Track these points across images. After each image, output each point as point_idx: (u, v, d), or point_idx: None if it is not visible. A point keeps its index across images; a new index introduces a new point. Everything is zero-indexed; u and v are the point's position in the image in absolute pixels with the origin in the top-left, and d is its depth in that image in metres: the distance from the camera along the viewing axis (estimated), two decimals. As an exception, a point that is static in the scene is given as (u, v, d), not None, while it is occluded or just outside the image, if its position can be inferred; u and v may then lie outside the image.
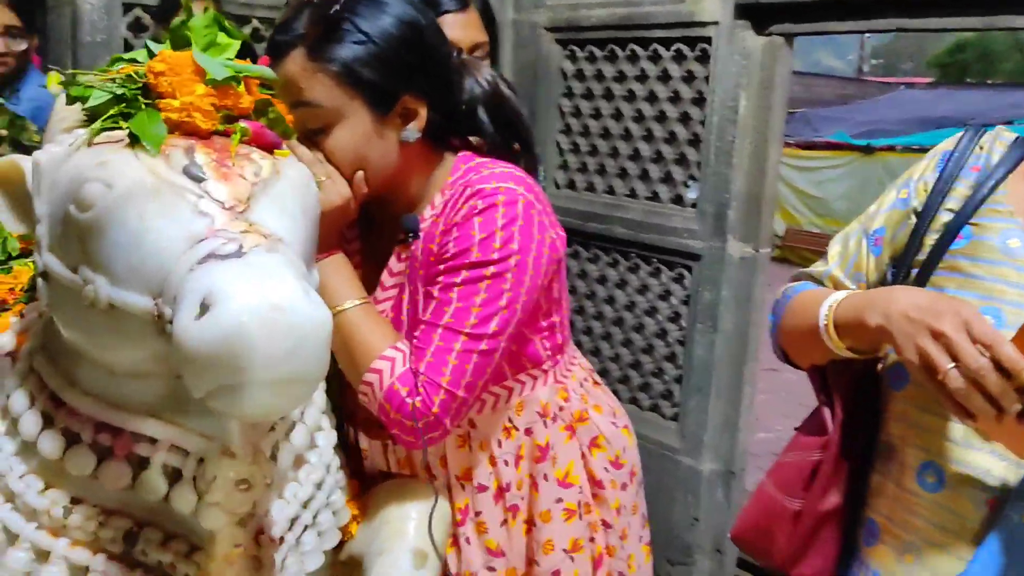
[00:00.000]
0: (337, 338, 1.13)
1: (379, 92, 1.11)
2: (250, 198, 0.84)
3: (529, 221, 1.14)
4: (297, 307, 0.74)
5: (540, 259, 1.16)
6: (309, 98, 1.09)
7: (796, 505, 1.16)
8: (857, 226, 1.22)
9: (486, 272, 1.11)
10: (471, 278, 1.12)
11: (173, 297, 0.77)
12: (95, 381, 0.92)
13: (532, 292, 1.16)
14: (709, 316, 2.65)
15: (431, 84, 1.16)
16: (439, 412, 1.11)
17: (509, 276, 1.12)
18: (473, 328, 1.11)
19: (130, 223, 0.80)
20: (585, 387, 1.37)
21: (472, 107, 1.24)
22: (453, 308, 1.12)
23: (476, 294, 1.12)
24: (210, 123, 0.86)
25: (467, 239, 1.12)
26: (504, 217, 1.12)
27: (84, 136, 0.86)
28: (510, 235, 1.12)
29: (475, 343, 1.12)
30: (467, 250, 1.12)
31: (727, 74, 2.51)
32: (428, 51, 1.15)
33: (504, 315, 1.13)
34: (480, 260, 1.11)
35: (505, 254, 1.12)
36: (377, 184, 1.17)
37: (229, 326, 0.71)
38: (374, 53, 1.10)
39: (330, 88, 1.09)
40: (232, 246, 0.77)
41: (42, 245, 0.88)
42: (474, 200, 1.13)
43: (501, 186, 1.13)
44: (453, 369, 1.11)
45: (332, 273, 1.15)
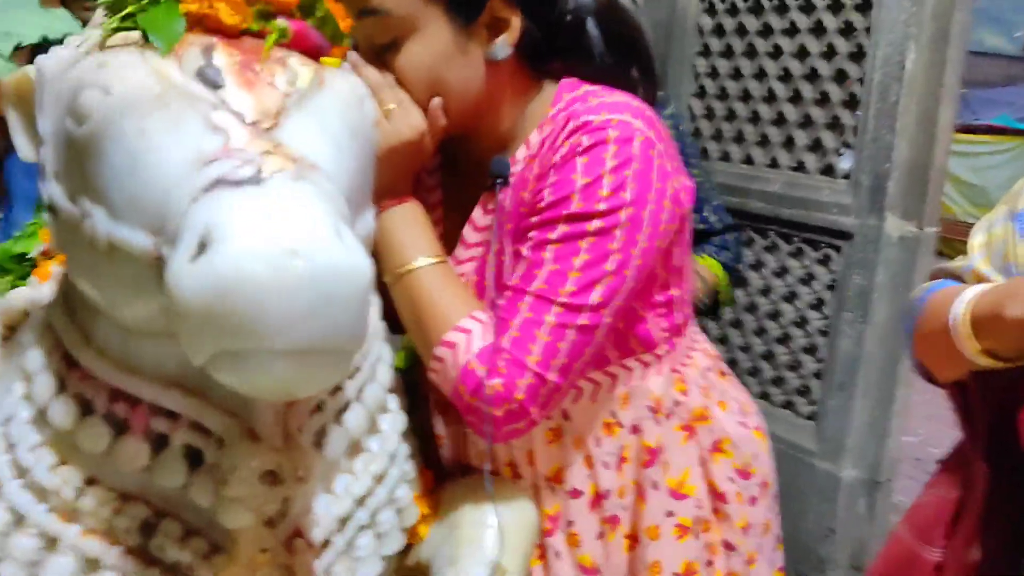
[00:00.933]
0: (405, 303, 0.94)
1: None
2: (280, 112, 0.66)
3: (647, 164, 0.91)
4: (322, 251, 0.55)
5: (659, 214, 0.92)
6: (377, 3, 0.89)
7: (936, 556, 0.93)
8: (1002, 209, 1.06)
9: (589, 227, 0.89)
10: (570, 234, 0.90)
11: (173, 233, 0.59)
12: (111, 340, 0.76)
13: (647, 256, 0.93)
14: (859, 305, 2.33)
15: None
16: (524, 399, 0.90)
17: (619, 233, 0.90)
18: (570, 297, 0.90)
19: (128, 139, 0.63)
20: (708, 378, 1.12)
21: (579, 19, 0.99)
22: (546, 271, 0.90)
23: (575, 254, 0.89)
24: (238, 18, 0.68)
25: (567, 184, 0.90)
26: (615, 158, 0.89)
27: (95, 37, 0.70)
28: (622, 181, 0.89)
29: (572, 316, 0.90)
30: (566, 198, 0.90)
31: (893, 24, 2.17)
32: None
33: (611, 282, 0.91)
34: (582, 211, 0.89)
35: (615, 205, 0.89)
36: (459, 115, 0.96)
37: (227, 272, 0.53)
38: None
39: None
40: (248, 170, 0.59)
41: (46, 171, 0.73)
42: (578, 136, 0.90)
43: (613, 118, 0.90)
44: (544, 347, 0.90)
45: (401, 224, 0.95)
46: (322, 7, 0.73)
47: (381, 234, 0.93)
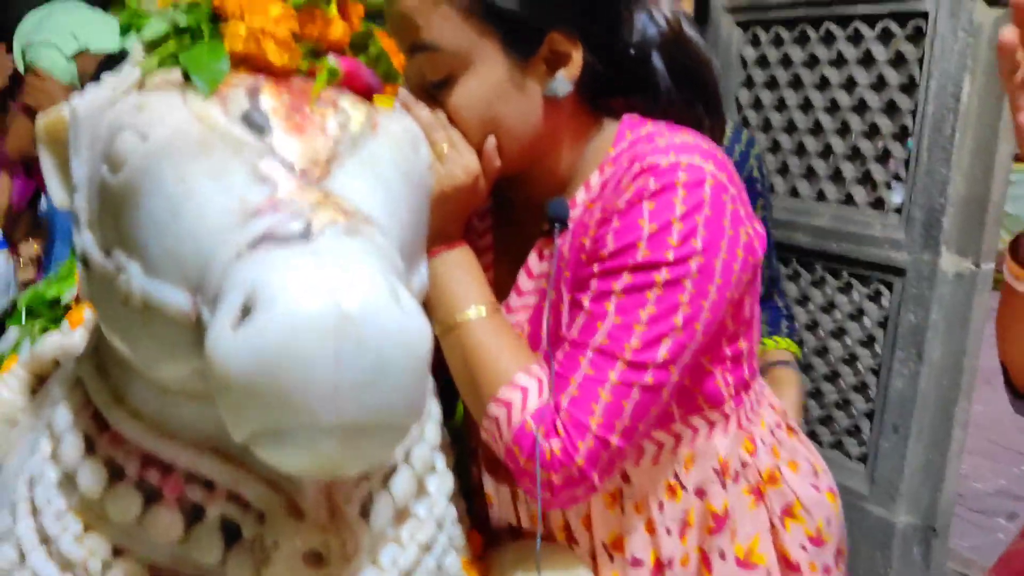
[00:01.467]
0: (456, 356, 0.88)
1: (519, 27, 0.84)
2: (331, 159, 0.60)
3: (719, 210, 0.84)
4: (378, 316, 0.50)
5: (732, 263, 0.86)
6: (428, 39, 0.83)
7: None
8: None
9: (657, 277, 0.83)
10: (636, 285, 0.83)
11: (214, 294, 0.54)
12: (145, 399, 0.71)
13: (718, 309, 0.86)
14: (913, 343, 2.23)
15: (589, 19, 0.88)
16: (584, 464, 0.83)
17: (688, 284, 0.83)
18: (636, 353, 0.83)
19: (167, 188, 0.58)
20: (777, 436, 1.04)
21: (644, 52, 0.92)
22: (609, 325, 0.83)
23: (642, 307, 0.83)
24: (286, 57, 0.63)
25: (633, 231, 0.83)
26: (685, 203, 0.82)
27: (133, 76, 0.65)
28: (692, 228, 0.83)
29: (637, 374, 0.83)
30: (632, 246, 0.83)
31: (948, 55, 2.09)
32: None
33: (679, 338, 0.84)
34: (649, 261, 0.83)
35: (684, 254, 0.83)
36: (515, 156, 0.89)
37: (273, 342, 0.47)
38: None
39: (454, 23, 0.83)
40: (297, 224, 0.54)
41: (80, 220, 0.68)
42: (645, 178, 0.83)
43: (682, 161, 0.84)
44: (606, 408, 0.83)
45: (453, 270, 0.89)
46: (375, 44, 0.67)
47: (431, 281, 0.86)
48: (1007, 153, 2.11)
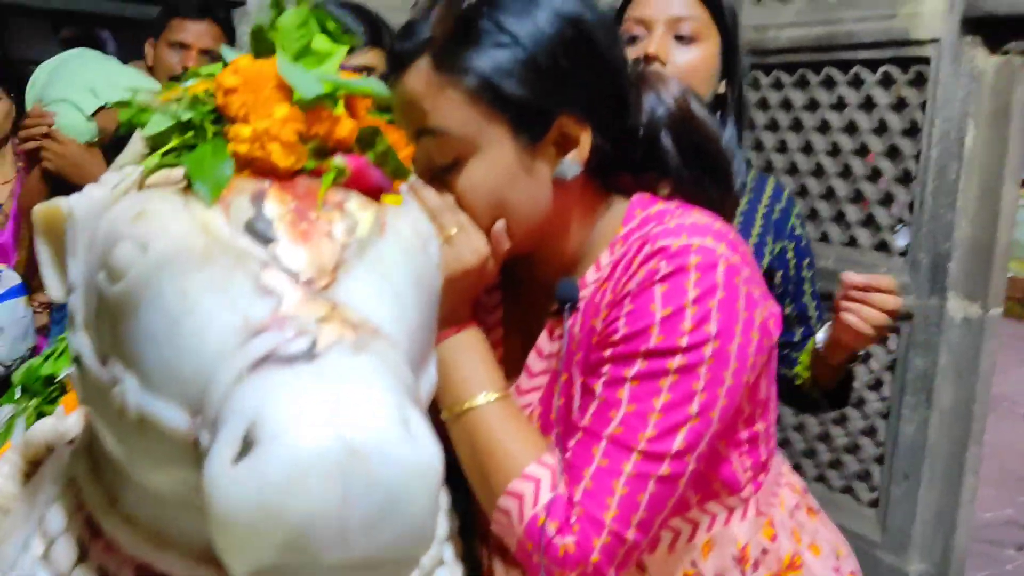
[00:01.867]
0: (465, 444, 0.86)
1: (528, 112, 0.83)
2: (338, 267, 0.58)
3: (733, 293, 0.82)
4: (390, 449, 0.47)
5: (747, 347, 0.83)
6: (435, 123, 0.82)
7: None
8: None
9: (670, 364, 0.80)
10: (649, 372, 0.81)
11: (213, 418, 0.51)
12: (140, 505, 0.68)
13: (734, 394, 0.83)
14: (922, 388, 2.21)
15: (597, 101, 0.86)
16: (600, 561, 0.80)
17: (703, 371, 0.81)
18: (651, 443, 0.80)
19: (167, 302, 0.56)
20: (797, 518, 1.01)
21: (652, 132, 0.91)
22: (623, 413, 0.81)
23: (656, 395, 0.80)
24: (292, 159, 0.61)
25: (645, 316, 0.81)
26: (698, 287, 0.80)
27: (134, 176, 0.63)
28: (705, 313, 0.80)
29: (653, 465, 0.80)
30: (644, 331, 0.81)
31: (950, 100, 2.09)
32: (595, 56, 0.85)
33: (695, 426, 0.81)
34: (663, 347, 0.80)
35: (698, 339, 0.80)
36: (524, 237, 0.88)
37: (275, 480, 0.45)
38: (522, 60, 0.81)
39: (463, 109, 0.81)
40: (302, 343, 0.51)
41: (76, 321, 0.65)
42: (656, 261, 0.82)
43: (694, 243, 0.82)
44: (621, 501, 0.80)
45: (462, 354, 0.87)
46: (383, 141, 0.65)
47: (439, 366, 0.84)
48: (1012, 198, 2.10)
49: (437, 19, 0.82)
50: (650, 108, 0.92)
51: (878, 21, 2.22)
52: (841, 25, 2.31)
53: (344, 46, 0.67)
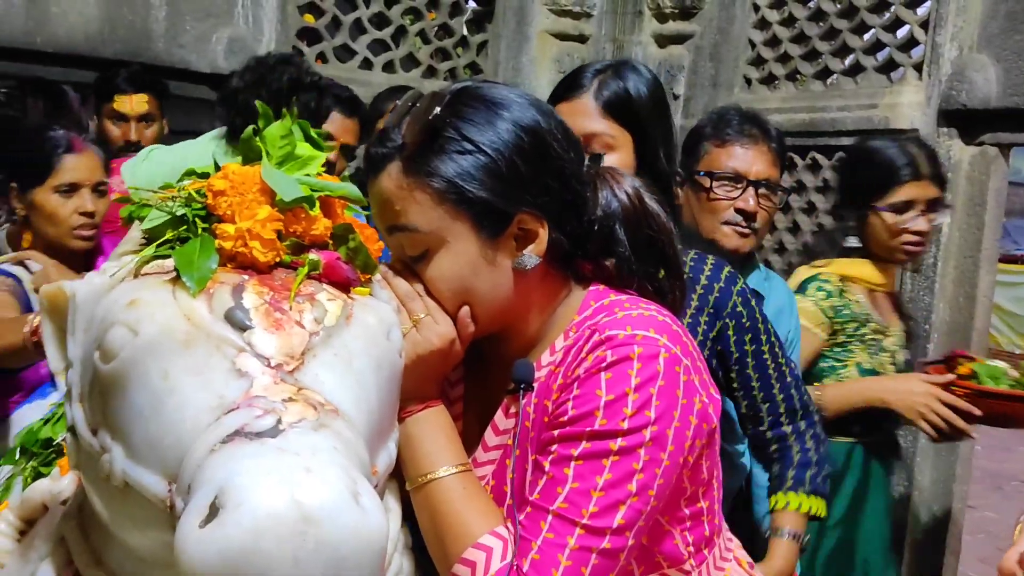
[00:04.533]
0: (425, 513, 0.91)
1: (488, 211, 0.90)
2: (306, 352, 0.65)
3: (672, 382, 0.88)
4: (339, 517, 0.54)
5: (684, 430, 0.89)
6: (405, 221, 0.89)
7: None
8: None
9: (612, 446, 0.86)
10: (593, 452, 0.86)
11: (187, 486, 0.58)
12: (122, 563, 0.74)
13: (671, 474, 0.89)
14: (903, 467, 2.24)
15: (554, 199, 0.94)
16: None
17: (643, 452, 0.86)
18: (593, 519, 0.85)
19: (151, 381, 0.63)
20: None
21: (607, 226, 0.98)
22: (568, 490, 0.86)
23: (598, 474, 0.86)
24: (271, 254, 0.69)
25: (590, 400, 0.87)
26: (639, 375, 0.86)
27: (130, 265, 0.71)
28: (646, 399, 0.86)
29: (595, 539, 0.85)
30: (589, 414, 0.87)
31: (928, 188, 2.17)
32: (550, 160, 0.93)
33: (634, 504, 0.86)
34: (605, 429, 0.86)
35: (639, 423, 0.86)
36: (488, 321, 0.95)
37: (238, 542, 0.52)
38: (483, 165, 0.89)
39: (429, 208, 0.89)
40: (267, 420, 0.59)
41: (72, 394, 0.73)
42: (603, 350, 0.88)
43: (638, 334, 0.88)
44: (565, 571, 0.85)
45: (427, 430, 0.93)
46: (355, 238, 0.74)
47: (405, 440, 0.91)
48: (988, 283, 2.17)
49: (407, 127, 0.91)
50: (605, 202, 0.99)
51: (860, 110, 2.33)
52: (825, 112, 2.42)
53: (325, 153, 0.76)
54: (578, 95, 1.37)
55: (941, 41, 2.14)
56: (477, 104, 0.90)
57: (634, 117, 1.35)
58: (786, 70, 2.58)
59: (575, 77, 1.40)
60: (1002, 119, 2.07)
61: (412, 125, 0.90)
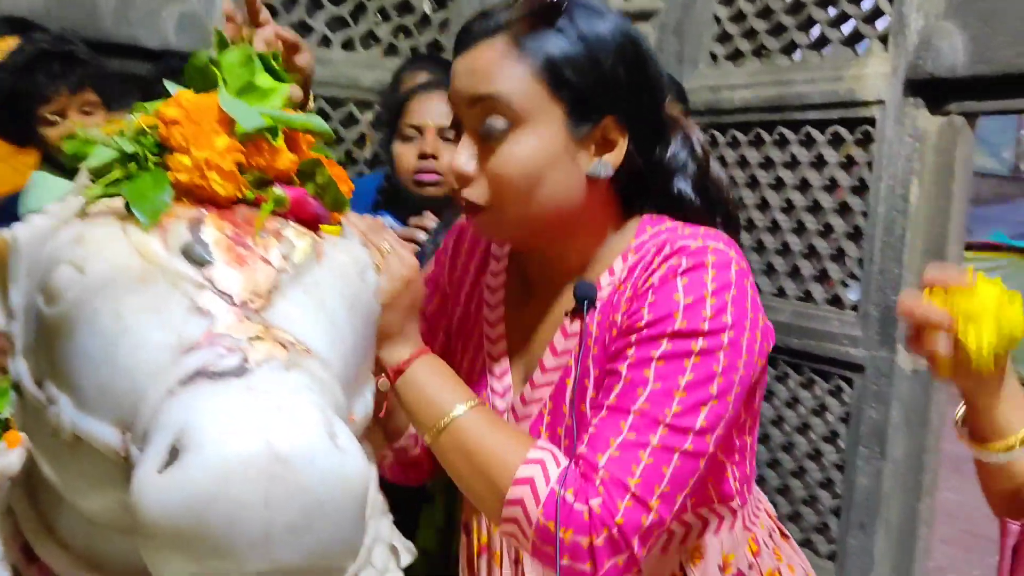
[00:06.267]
0: (456, 455, 0.88)
1: (582, 104, 0.90)
2: (273, 290, 0.60)
3: (743, 293, 0.88)
4: (315, 457, 0.49)
5: (754, 344, 0.88)
6: (500, 89, 0.88)
7: None
8: None
9: (693, 346, 0.85)
10: (674, 352, 0.85)
11: (143, 432, 0.53)
12: (74, 530, 0.68)
13: (745, 384, 0.88)
14: (875, 439, 2.24)
15: (640, 115, 0.94)
16: (624, 524, 0.81)
17: (721, 356, 0.85)
18: (675, 418, 0.84)
19: (101, 322, 0.57)
20: (775, 540, 1.06)
21: (671, 168, 0.99)
22: (649, 390, 0.85)
23: (680, 374, 0.85)
24: (231, 188, 0.63)
25: (668, 303, 0.86)
26: (715, 282, 0.87)
27: (76, 205, 0.65)
28: (723, 304, 0.86)
29: (678, 439, 0.84)
30: (668, 316, 0.86)
31: (895, 159, 2.17)
32: (645, 75, 0.94)
33: (715, 408, 0.85)
34: (687, 329, 0.85)
35: (718, 326, 0.86)
36: (544, 224, 0.92)
37: (200, 487, 0.46)
38: (588, 57, 0.89)
39: (529, 82, 0.88)
40: (233, 359, 0.53)
41: (16, 347, 0.67)
42: (677, 258, 0.88)
43: (711, 244, 0.89)
44: (646, 469, 0.83)
45: (428, 377, 0.89)
46: (323, 173, 0.68)
47: (410, 389, 0.89)
48: (957, 253, 2.17)
49: (520, 8, 0.90)
50: (677, 145, 1.00)
51: (825, 83, 2.31)
52: (791, 87, 2.40)
53: (287, 84, 0.70)
54: None
55: (907, 11, 2.13)
56: (590, 3, 0.92)
57: None
58: (752, 46, 2.56)
59: None
60: (969, 88, 2.06)
61: (528, 4, 0.90)
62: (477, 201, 0.91)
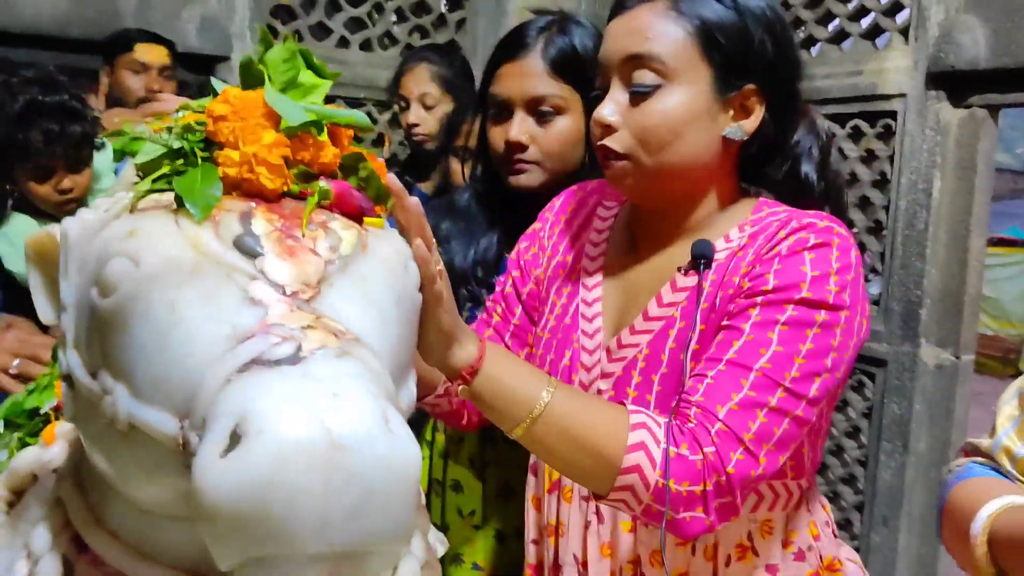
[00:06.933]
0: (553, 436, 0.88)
1: (730, 68, 0.96)
2: (322, 281, 0.61)
3: (859, 278, 0.94)
4: (371, 444, 0.50)
5: (861, 329, 0.94)
6: (654, 47, 0.94)
7: None
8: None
9: (817, 317, 0.90)
10: (798, 320, 0.89)
11: (202, 419, 0.54)
12: (124, 520, 0.69)
13: (849, 365, 0.94)
14: (898, 434, 2.23)
15: (779, 89, 1.00)
16: (734, 475, 0.86)
17: (838, 332, 0.90)
18: (793, 383, 0.88)
19: (157, 313, 0.58)
20: (831, 529, 1.08)
21: (798, 152, 1.03)
22: (772, 352, 0.88)
23: (801, 342, 0.89)
24: (279, 181, 0.64)
25: (796, 273, 0.91)
26: (839, 261, 0.92)
27: (126, 200, 0.66)
28: (844, 284, 0.91)
29: (793, 404, 0.88)
30: (796, 285, 0.90)
31: (917, 153, 2.17)
32: (788, 48, 1.00)
33: (826, 380, 0.90)
34: (813, 300, 0.90)
35: (839, 303, 0.91)
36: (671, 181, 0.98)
37: (262, 470, 0.47)
38: (741, 25, 0.96)
39: (682, 44, 0.95)
40: (287, 348, 0.54)
41: (67, 340, 0.68)
42: (806, 232, 0.93)
43: (835, 227, 0.94)
44: (760, 427, 0.87)
45: (502, 366, 0.88)
46: (365, 167, 0.69)
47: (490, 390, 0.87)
48: (980, 246, 2.16)
49: None
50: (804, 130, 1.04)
51: (846, 77, 2.31)
52: (811, 81, 2.38)
53: (329, 80, 0.71)
54: (523, 55, 1.32)
55: (927, 4, 2.13)
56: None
57: (582, 75, 1.31)
58: (769, 40, 2.56)
59: (517, 37, 1.36)
60: (991, 80, 2.06)
61: None
62: (618, 149, 0.96)
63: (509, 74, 1.33)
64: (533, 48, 1.32)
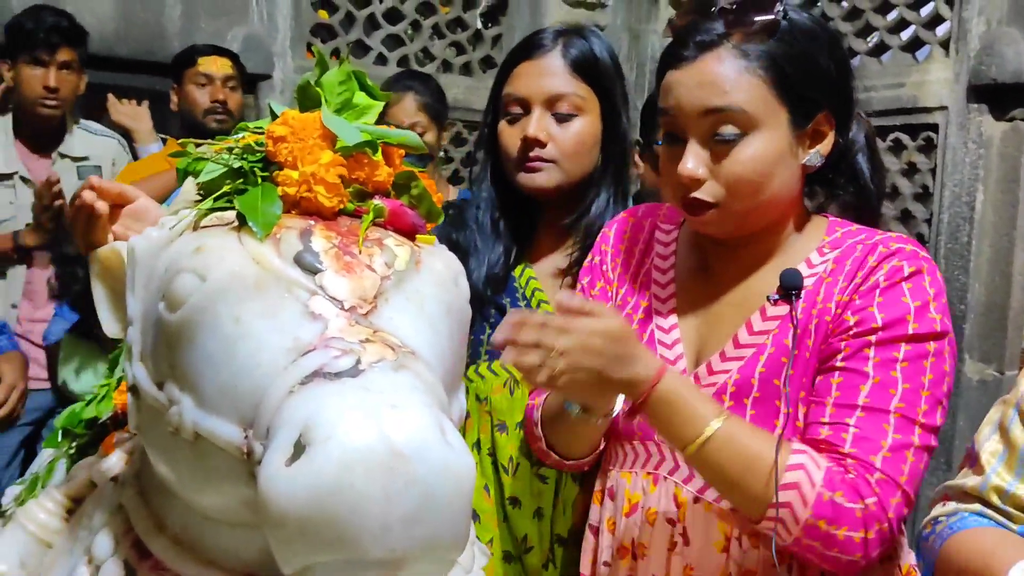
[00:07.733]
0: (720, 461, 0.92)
1: (803, 103, 0.97)
2: (378, 296, 0.63)
3: (946, 299, 0.97)
4: (429, 453, 0.52)
5: (955, 348, 0.97)
6: (733, 100, 0.94)
7: None
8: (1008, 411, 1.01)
9: (929, 347, 0.94)
10: (915, 354, 0.93)
11: (266, 429, 0.56)
12: (185, 526, 0.72)
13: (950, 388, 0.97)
14: (941, 451, 2.20)
15: (843, 105, 1.01)
16: (894, 518, 0.89)
17: (947, 357, 0.95)
18: (925, 417, 0.92)
19: (222, 327, 0.61)
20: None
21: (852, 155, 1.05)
22: (901, 391, 0.92)
23: (922, 374, 0.93)
24: (336, 200, 0.67)
25: (899, 307, 0.94)
26: (931, 287, 0.95)
27: (189, 218, 0.69)
28: (942, 308, 0.95)
29: (928, 438, 0.92)
30: (902, 320, 0.93)
31: (959, 166, 2.15)
32: (845, 65, 1.02)
33: (945, 406, 0.94)
34: (921, 332, 0.93)
35: (944, 330, 0.95)
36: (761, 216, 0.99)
37: (328, 478, 0.50)
38: (803, 53, 0.96)
39: (758, 91, 0.95)
40: (347, 360, 0.56)
41: (133, 352, 0.71)
42: (897, 260, 0.95)
43: (919, 252, 0.97)
44: (911, 468, 0.90)
45: (677, 389, 0.92)
46: (418, 185, 0.72)
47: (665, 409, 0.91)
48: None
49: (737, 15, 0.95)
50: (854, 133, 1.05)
51: (886, 90, 2.30)
52: (850, 95, 2.39)
53: (381, 101, 0.74)
54: (543, 54, 1.31)
55: (968, 16, 2.12)
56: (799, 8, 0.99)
57: (599, 78, 1.32)
58: (807, 54, 2.56)
59: (535, 39, 1.37)
60: (1034, 92, 2.04)
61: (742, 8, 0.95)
62: (710, 200, 0.97)
63: (527, 73, 1.32)
64: (552, 48, 1.32)
